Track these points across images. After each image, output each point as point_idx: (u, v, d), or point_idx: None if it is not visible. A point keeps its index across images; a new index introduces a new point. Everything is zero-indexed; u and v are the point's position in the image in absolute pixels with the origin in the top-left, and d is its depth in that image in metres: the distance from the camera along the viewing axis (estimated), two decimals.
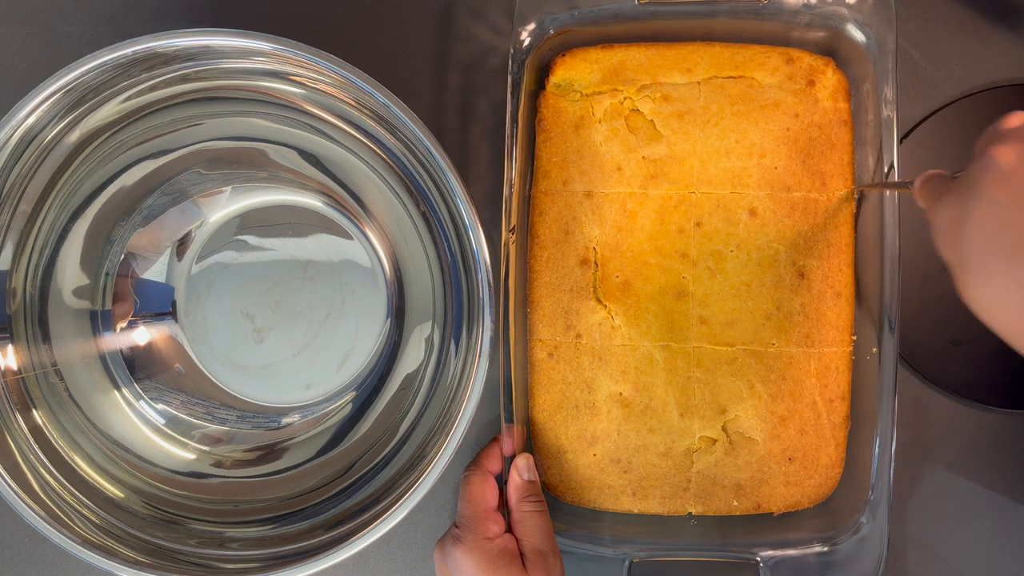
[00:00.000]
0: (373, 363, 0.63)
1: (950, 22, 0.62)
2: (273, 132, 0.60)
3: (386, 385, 0.62)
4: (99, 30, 0.64)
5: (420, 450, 0.57)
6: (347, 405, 0.63)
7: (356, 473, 0.59)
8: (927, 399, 0.62)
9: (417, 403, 0.60)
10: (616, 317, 0.57)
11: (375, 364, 0.63)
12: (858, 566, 0.55)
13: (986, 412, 0.62)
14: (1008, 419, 0.62)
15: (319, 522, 0.57)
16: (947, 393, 0.62)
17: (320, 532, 0.55)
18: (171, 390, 0.62)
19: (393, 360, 0.63)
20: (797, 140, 0.57)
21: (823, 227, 0.57)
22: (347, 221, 0.63)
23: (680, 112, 0.57)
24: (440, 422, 0.56)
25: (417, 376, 0.61)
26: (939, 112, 0.62)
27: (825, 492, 0.58)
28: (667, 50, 0.57)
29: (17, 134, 0.51)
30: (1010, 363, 0.61)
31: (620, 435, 0.58)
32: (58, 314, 0.59)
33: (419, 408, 0.60)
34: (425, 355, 0.61)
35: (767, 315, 0.56)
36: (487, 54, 0.63)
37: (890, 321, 0.54)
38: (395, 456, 0.59)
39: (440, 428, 0.55)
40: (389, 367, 0.63)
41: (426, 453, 0.55)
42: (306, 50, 0.49)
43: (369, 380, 0.63)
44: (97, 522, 0.54)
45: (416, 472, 0.54)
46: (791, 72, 0.57)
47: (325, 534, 0.54)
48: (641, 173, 0.57)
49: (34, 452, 0.55)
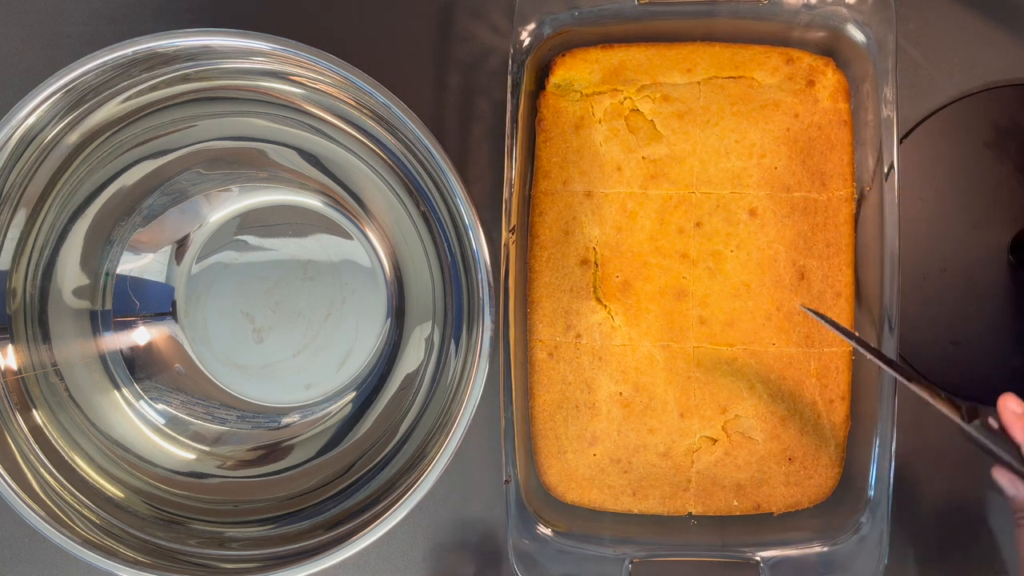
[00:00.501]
0: (373, 363, 0.63)
1: (950, 22, 0.62)
2: (273, 132, 0.60)
3: (386, 385, 0.62)
4: (99, 30, 0.64)
5: (420, 450, 0.57)
6: (347, 405, 0.63)
7: (356, 473, 0.59)
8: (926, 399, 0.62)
9: (417, 403, 0.60)
10: (616, 317, 0.57)
11: (375, 364, 0.63)
12: (859, 566, 0.55)
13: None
14: None
15: (319, 522, 0.57)
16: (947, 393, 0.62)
17: (320, 532, 0.55)
18: (171, 390, 0.62)
19: (393, 360, 0.63)
20: (797, 140, 0.57)
21: (823, 227, 0.57)
22: (347, 221, 0.63)
23: (680, 112, 0.57)
24: (440, 422, 0.56)
25: (417, 376, 0.61)
26: (939, 112, 0.62)
27: (825, 492, 0.58)
28: (667, 50, 0.58)
29: (17, 134, 0.51)
30: (1010, 363, 0.61)
31: (620, 435, 0.58)
32: (58, 314, 0.59)
33: (419, 408, 0.60)
34: (425, 355, 0.61)
35: (767, 315, 0.56)
36: (487, 54, 0.63)
37: (890, 321, 0.54)
38: (395, 456, 0.59)
39: (440, 428, 0.55)
40: (389, 367, 0.63)
41: (426, 453, 0.55)
42: (306, 50, 0.49)
43: (369, 380, 0.63)
44: (97, 522, 0.54)
45: (416, 472, 0.54)
46: (791, 72, 0.57)
47: (325, 534, 0.54)
48: (641, 173, 0.57)
49: (34, 452, 0.55)
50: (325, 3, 0.64)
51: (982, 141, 0.61)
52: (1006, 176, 0.61)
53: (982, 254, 0.61)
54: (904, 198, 0.62)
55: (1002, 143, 0.61)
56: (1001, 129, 0.61)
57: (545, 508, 0.58)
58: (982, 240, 0.61)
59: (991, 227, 0.61)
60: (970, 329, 0.61)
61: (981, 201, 0.61)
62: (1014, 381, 0.61)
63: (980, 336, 0.61)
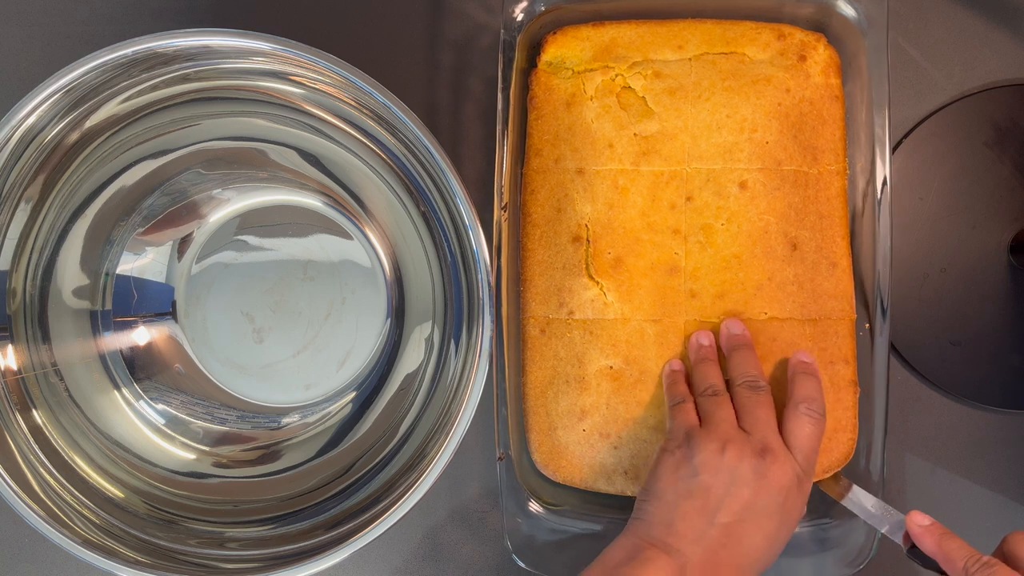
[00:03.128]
0: (373, 363, 0.63)
1: (950, 22, 0.62)
2: (273, 132, 0.60)
3: (386, 385, 0.62)
4: (99, 30, 0.64)
5: (420, 450, 0.57)
6: (347, 405, 0.63)
7: (356, 473, 0.59)
8: (927, 399, 0.62)
9: (417, 403, 0.60)
10: (608, 293, 0.57)
11: (375, 364, 0.63)
12: (852, 542, 0.55)
13: (986, 412, 0.62)
14: (1008, 419, 0.62)
15: (319, 522, 0.57)
16: (947, 393, 0.62)
17: (320, 532, 0.55)
18: (171, 390, 0.62)
19: (393, 360, 0.63)
20: (788, 115, 0.57)
21: (815, 199, 0.57)
22: (347, 221, 0.63)
23: (672, 89, 0.57)
24: (440, 422, 0.56)
25: (417, 376, 0.61)
26: (939, 112, 0.62)
27: (840, 457, 0.56)
28: (658, 27, 0.58)
29: (17, 134, 0.51)
30: (1010, 363, 0.61)
31: (609, 408, 0.57)
32: (58, 314, 0.59)
33: (419, 408, 0.60)
34: (425, 355, 0.61)
35: (758, 286, 0.56)
36: (478, 32, 0.63)
37: (882, 302, 0.55)
38: (395, 456, 0.59)
39: (440, 428, 0.55)
40: (389, 367, 0.63)
41: (426, 453, 0.55)
42: (306, 50, 0.49)
43: (369, 380, 0.63)
44: (97, 522, 0.54)
45: (416, 472, 0.54)
46: (782, 48, 0.57)
47: (325, 534, 0.54)
48: (633, 150, 0.57)
49: (34, 452, 0.55)
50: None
51: (982, 141, 0.61)
52: (1006, 176, 0.61)
53: (982, 254, 0.61)
54: (904, 198, 0.62)
55: (1002, 143, 0.61)
56: (1001, 129, 0.61)
57: (538, 486, 0.58)
58: (982, 240, 0.61)
59: (991, 227, 0.61)
60: (970, 329, 0.61)
61: (981, 201, 0.61)
62: (1014, 381, 0.61)
63: (980, 336, 0.61)
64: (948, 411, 0.62)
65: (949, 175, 0.62)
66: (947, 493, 0.62)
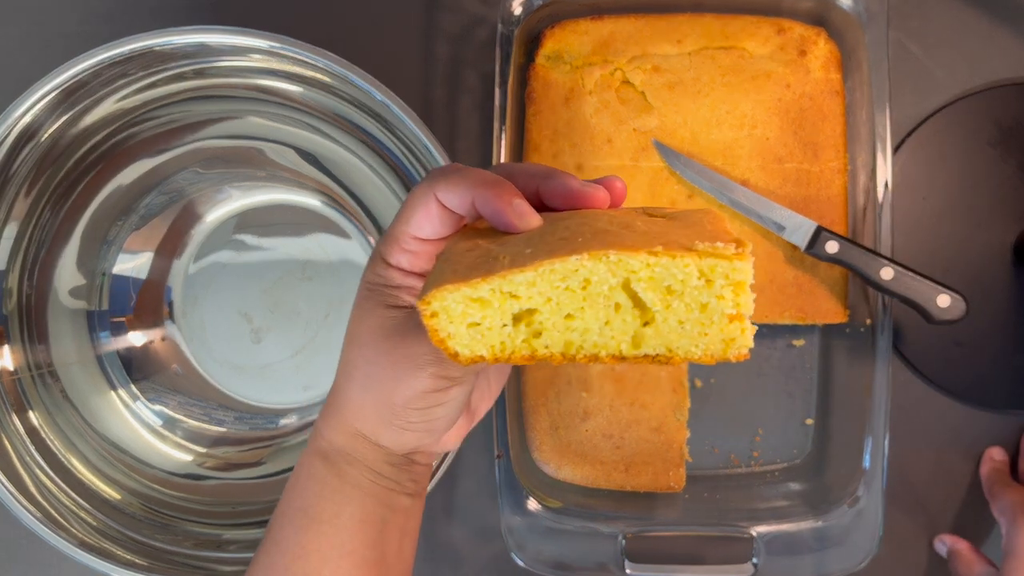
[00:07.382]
0: None
1: (953, 20, 0.62)
2: (271, 131, 0.59)
3: None
4: (96, 28, 0.64)
5: None
6: None
7: None
8: (930, 400, 0.62)
9: None
10: None
11: None
12: (853, 539, 0.55)
13: (989, 413, 0.62)
14: (1011, 420, 0.62)
15: None
16: (950, 395, 0.62)
17: None
18: (168, 391, 0.62)
19: None
20: (789, 111, 0.56)
21: (815, 199, 0.56)
22: (346, 220, 0.62)
23: (671, 83, 0.57)
24: None
25: None
26: (942, 111, 0.61)
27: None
28: (657, 21, 0.57)
29: (14, 132, 0.51)
30: (1014, 364, 0.61)
31: (612, 410, 0.57)
32: (54, 314, 0.58)
33: None
34: None
35: (759, 288, 0.56)
36: (475, 26, 0.63)
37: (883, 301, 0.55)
38: None
39: None
40: None
41: None
42: (303, 47, 0.49)
43: None
44: (94, 524, 0.54)
45: None
46: (782, 42, 0.57)
47: None
48: (632, 145, 0.57)
49: (30, 454, 0.54)
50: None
51: (985, 140, 0.61)
52: (1009, 175, 0.61)
53: (985, 254, 0.61)
54: (907, 198, 0.61)
55: (1005, 142, 0.61)
56: (1004, 128, 0.61)
57: (537, 484, 0.58)
58: (985, 240, 0.61)
59: (994, 227, 0.61)
60: (973, 329, 0.61)
61: (984, 201, 0.61)
62: (1017, 382, 0.61)
63: (984, 336, 0.61)
64: (951, 412, 0.62)
65: (952, 174, 0.61)
66: (949, 494, 0.62)
